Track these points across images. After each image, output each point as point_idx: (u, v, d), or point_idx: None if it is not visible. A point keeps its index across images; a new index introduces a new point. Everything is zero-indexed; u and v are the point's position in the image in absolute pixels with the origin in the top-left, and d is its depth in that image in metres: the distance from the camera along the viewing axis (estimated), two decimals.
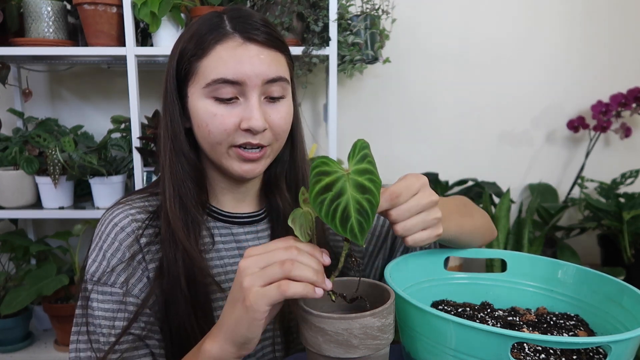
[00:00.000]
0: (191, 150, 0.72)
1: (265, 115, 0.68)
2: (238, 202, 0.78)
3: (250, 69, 0.65)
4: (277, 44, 0.69)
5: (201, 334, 0.62)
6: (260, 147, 0.69)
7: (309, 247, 0.52)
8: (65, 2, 1.63)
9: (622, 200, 1.83)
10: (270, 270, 0.50)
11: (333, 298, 0.56)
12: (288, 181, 0.79)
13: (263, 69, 0.66)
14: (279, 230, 0.78)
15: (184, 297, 0.68)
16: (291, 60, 0.73)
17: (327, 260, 0.53)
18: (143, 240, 0.70)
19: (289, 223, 0.52)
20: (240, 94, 0.67)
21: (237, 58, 0.65)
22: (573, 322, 0.65)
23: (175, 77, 0.70)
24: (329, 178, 0.49)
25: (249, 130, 0.67)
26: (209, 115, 0.67)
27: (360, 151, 0.51)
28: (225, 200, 0.77)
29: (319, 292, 0.50)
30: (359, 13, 1.67)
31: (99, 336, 0.66)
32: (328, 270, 0.54)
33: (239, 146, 0.68)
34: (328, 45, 1.59)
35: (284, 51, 0.71)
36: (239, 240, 0.77)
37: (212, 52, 0.66)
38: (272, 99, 0.69)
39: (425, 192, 0.58)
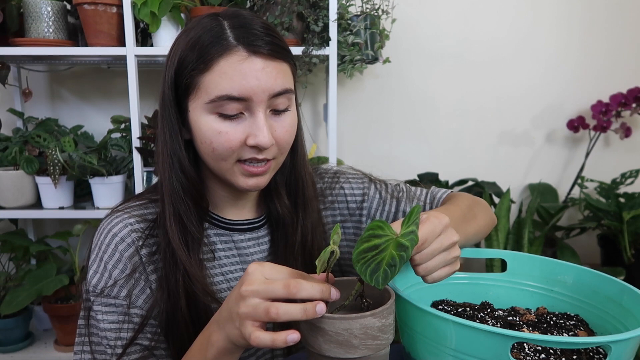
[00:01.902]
0: (191, 164, 0.70)
1: (271, 130, 0.66)
2: (239, 209, 0.78)
3: (256, 84, 0.63)
4: (282, 53, 0.66)
5: None
6: (265, 160, 0.67)
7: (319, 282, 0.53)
8: (65, 2, 1.62)
9: (622, 200, 1.83)
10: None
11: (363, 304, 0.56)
12: (288, 188, 0.78)
13: (269, 84, 0.64)
14: (279, 236, 0.78)
15: (183, 314, 0.67)
16: (295, 65, 0.71)
17: (336, 295, 0.53)
18: (144, 251, 0.69)
19: (316, 262, 0.52)
20: (245, 109, 0.65)
21: (242, 73, 0.62)
22: (573, 322, 0.65)
23: (174, 88, 0.67)
24: (378, 240, 0.51)
25: (255, 147, 0.65)
26: (213, 133, 0.64)
27: (415, 216, 0.51)
28: (225, 208, 0.77)
29: (320, 309, 0.49)
30: (359, 13, 1.67)
31: (105, 348, 0.66)
32: (333, 305, 0.55)
33: (244, 161, 0.67)
34: (328, 45, 1.59)
35: (289, 59, 0.68)
36: (240, 247, 0.77)
37: (215, 66, 0.63)
38: (277, 112, 0.67)
39: (447, 234, 0.58)
